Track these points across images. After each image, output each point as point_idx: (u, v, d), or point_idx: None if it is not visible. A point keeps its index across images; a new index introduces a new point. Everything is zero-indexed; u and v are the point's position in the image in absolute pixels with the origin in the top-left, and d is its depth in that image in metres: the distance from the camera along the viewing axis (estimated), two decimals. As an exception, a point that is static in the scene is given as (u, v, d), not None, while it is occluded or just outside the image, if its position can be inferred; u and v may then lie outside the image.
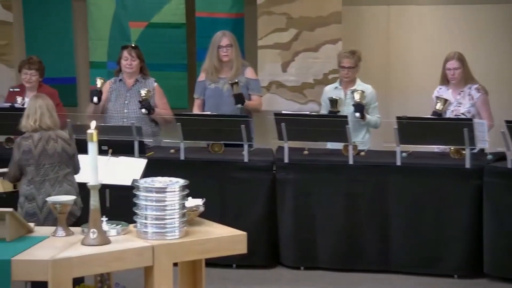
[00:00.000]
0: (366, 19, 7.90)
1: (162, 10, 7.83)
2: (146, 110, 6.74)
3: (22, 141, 5.27)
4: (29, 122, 5.26)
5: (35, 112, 5.27)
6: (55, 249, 4.04)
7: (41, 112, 5.26)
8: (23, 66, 7.02)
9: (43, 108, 5.28)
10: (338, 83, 6.90)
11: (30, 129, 5.25)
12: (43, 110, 5.27)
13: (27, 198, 5.24)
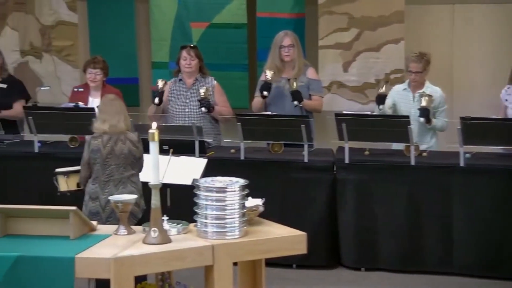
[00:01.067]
0: (429, 18, 7.81)
1: (223, 10, 7.86)
2: (206, 109, 6.78)
3: (92, 141, 5.36)
4: (100, 125, 5.34)
5: (108, 115, 5.33)
6: (117, 248, 4.09)
7: (118, 118, 5.33)
8: (88, 65, 7.12)
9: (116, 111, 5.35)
10: (407, 84, 6.83)
11: (101, 131, 5.32)
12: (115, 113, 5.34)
13: (91, 197, 5.32)
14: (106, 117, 5.34)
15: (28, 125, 6.67)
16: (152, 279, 4.66)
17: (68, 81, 8.04)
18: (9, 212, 4.27)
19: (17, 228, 4.27)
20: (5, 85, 7.17)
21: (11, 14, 8.14)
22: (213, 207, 4.21)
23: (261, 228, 4.42)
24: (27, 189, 6.54)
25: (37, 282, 3.97)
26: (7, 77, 7.25)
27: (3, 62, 7.28)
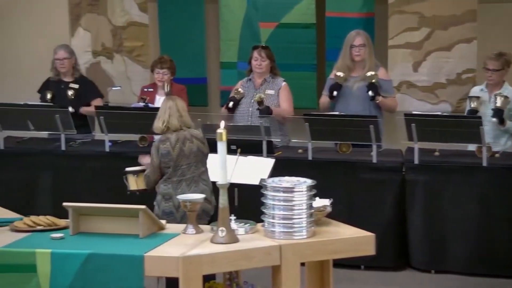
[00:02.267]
0: (503, 17, 7.66)
1: (292, 10, 7.85)
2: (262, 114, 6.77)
3: (160, 145, 5.39)
4: (158, 124, 5.39)
5: (164, 113, 5.39)
6: (186, 246, 4.11)
7: (170, 114, 5.38)
8: (155, 65, 7.19)
9: (173, 109, 5.39)
10: (484, 85, 6.72)
11: (159, 131, 5.38)
12: (172, 111, 5.38)
13: (164, 197, 5.37)
14: (159, 113, 5.39)
15: (99, 124, 6.77)
16: (220, 278, 4.68)
17: (138, 81, 8.13)
18: (81, 210, 4.34)
19: (89, 226, 4.34)
20: (77, 85, 7.29)
21: (84, 16, 8.28)
22: (281, 207, 4.20)
23: (329, 229, 4.40)
24: (98, 187, 6.64)
25: (107, 279, 4.02)
26: (79, 77, 7.37)
27: (76, 62, 7.41)
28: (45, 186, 6.79)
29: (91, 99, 7.23)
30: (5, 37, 8.36)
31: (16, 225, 4.43)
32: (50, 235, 4.28)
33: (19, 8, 8.41)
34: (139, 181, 5.62)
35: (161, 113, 5.41)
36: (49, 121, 6.73)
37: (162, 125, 5.36)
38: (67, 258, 4.06)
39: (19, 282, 4.06)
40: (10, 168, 6.84)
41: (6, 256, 4.09)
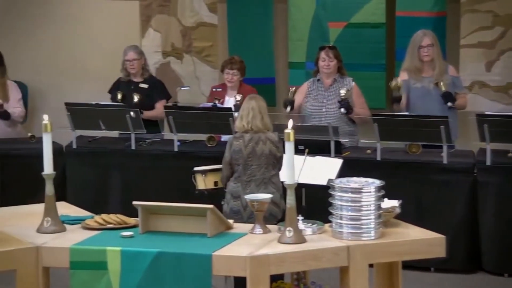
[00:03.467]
0: None
1: (361, 10, 7.80)
2: (345, 110, 6.73)
3: (234, 141, 5.43)
4: (242, 123, 5.41)
5: (248, 114, 5.41)
6: (253, 246, 4.12)
7: (253, 115, 5.40)
8: (226, 66, 7.21)
9: (255, 110, 5.41)
10: None
11: (241, 130, 5.40)
12: (255, 113, 5.41)
13: (232, 196, 5.39)
14: (242, 113, 5.41)
15: (168, 124, 6.83)
16: (288, 278, 4.67)
17: (207, 81, 8.18)
18: (150, 209, 4.38)
19: (158, 224, 4.37)
20: (147, 85, 7.36)
21: (154, 16, 8.37)
22: (348, 207, 4.17)
23: (398, 230, 4.35)
24: (166, 186, 6.70)
25: (175, 278, 4.05)
26: (148, 78, 7.44)
27: (145, 63, 7.49)
28: (115, 185, 6.88)
29: (158, 100, 7.30)
30: (76, 38, 8.50)
31: (87, 223, 4.49)
32: (120, 233, 4.33)
33: (90, 9, 8.54)
34: (207, 180, 5.65)
35: (244, 113, 5.43)
36: (119, 121, 6.81)
37: (247, 125, 5.38)
38: (137, 256, 4.10)
39: (91, 279, 4.12)
40: (82, 167, 6.95)
41: (78, 254, 4.15)
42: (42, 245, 4.21)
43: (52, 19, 8.54)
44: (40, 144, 4.46)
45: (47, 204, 4.41)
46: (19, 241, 4.25)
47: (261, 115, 5.42)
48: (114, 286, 4.11)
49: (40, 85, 8.47)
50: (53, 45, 8.50)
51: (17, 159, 6.85)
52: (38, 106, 8.10)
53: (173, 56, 8.36)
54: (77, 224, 4.53)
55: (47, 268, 4.23)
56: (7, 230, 4.42)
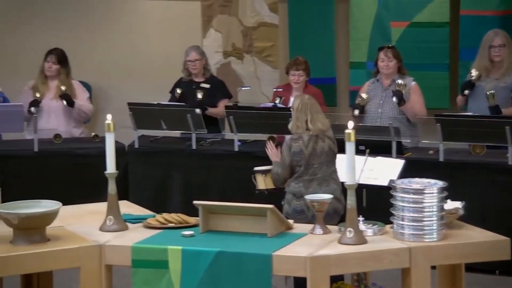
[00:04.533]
0: None
1: (425, 9, 7.72)
2: (397, 100, 6.65)
3: (292, 143, 5.41)
4: (297, 123, 5.40)
5: (300, 116, 5.39)
6: (313, 246, 4.10)
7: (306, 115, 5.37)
8: (290, 67, 7.18)
9: (307, 110, 5.39)
10: None
11: (298, 131, 5.38)
12: (307, 113, 5.38)
13: (295, 196, 5.37)
14: (298, 114, 5.38)
15: (229, 124, 6.85)
16: (348, 279, 4.65)
17: (267, 82, 8.18)
18: (211, 209, 4.40)
19: (218, 224, 4.39)
20: (208, 85, 7.40)
21: (216, 17, 8.42)
22: (410, 209, 4.13)
23: (461, 232, 4.29)
24: (227, 186, 6.72)
25: (236, 277, 4.06)
26: (209, 78, 7.47)
27: (206, 63, 7.52)
28: (176, 184, 6.92)
29: (220, 99, 7.32)
30: (138, 38, 8.58)
31: (149, 222, 4.53)
32: (181, 233, 4.36)
33: (153, 9, 8.61)
34: (267, 180, 5.65)
35: (296, 114, 5.42)
36: (181, 121, 6.86)
37: (305, 124, 5.36)
38: (197, 256, 4.12)
39: (152, 277, 4.16)
40: (144, 166, 7.02)
41: (140, 252, 4.19)
42: (105, 243, 4.26)
43: (115, 20, 8.65)
44: (103, 143, 4.52)
45: (109, 203, 4.46)
46: (83, 239, 4.31)
47: (317, 114, 5.38)
48: (175, 285, 4.14)
49: (104, 86, 8.58)
50: (116, 46, 8.60)
51: (81, 158, 6.94)
52: (101, 106, 8.20)
53: (234, 56, 8.39)
54: (139, 223, 4.57)
55: (110, 266, 4.28)
56: (71, 228, 4.49)
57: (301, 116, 5.39)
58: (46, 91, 7.30)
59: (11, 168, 6.77)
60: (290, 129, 5.45)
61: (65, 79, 7.36)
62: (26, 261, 4.13)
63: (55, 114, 7.29)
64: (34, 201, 4.37)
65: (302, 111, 5.40)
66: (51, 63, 7.32)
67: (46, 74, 7.34)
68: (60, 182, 6.78)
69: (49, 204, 4.33)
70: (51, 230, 4.34)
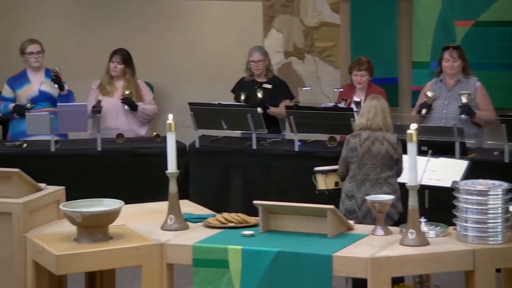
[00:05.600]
0: None
1: (490, 8, 7.61)
2: (467, 116, 6.57)
3: (351, 139, 5.42)
4: (362, 121, 5.39)
5: (369, 112, 5.38)
6: (374, 248, 4.07)
7: (375, 113, 5.37)
8: (353, 67, 7.14)
9: (377, 109, 5.38)
10: None
11: (360, 127, 5.38)
12: (376, 111, 5.37)
13: (347, 195, 5.37)
14: (363, 111, 5.39)
15: (289, 124, 6.84)
16: (409, 280, 4.60)
17: (328, 82, 8.15)
18: (271, 209, 4.39)
19: (278, 224, 4.38)
20: (270, 86, 7.39)
21: (277, 17, 8.42)
22: (474, 210, 4.07)
23: (526, 235, 4.21)
24: (287, 186, 6.70)
25: (296, 277, 4.05)
26: (271, 78, 7.47)
27: (269, 63, 7.52)
28: (236, 184, 6.94)
29: (282, 99, 7.32)
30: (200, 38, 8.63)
31: (209, 221, 4.55)
32: (241, 232, 4.36)
33: (214, 10, 8.66)
34: (328, 180, 5.63)
35: (365, 111, 5.41)
36: (241, 121, 6.87)
37: (366, 122, 5.35)
38: (257, 255, 4.12)
39: (213, 277, 4.17)
40: (205, 166, 7.04)
41: (200, 251, 4.21)
42: (166, 242, 4.29)
43: (176, 20, 8.70)
44: (165, 143, 4.55)
45: (170, 202, 4.49)
46: (144, 238, 4.35)
47: (383, 114, 5.37)
48: (235, 284, 4.15)
49: (165, 85, 8.64)
50: (177, 46, 8.66)
51: (143, 158, 7.00)
52: (163, 106, 8.26)
53: (295, 56, 8.38)
54: (199, 222, 4.59)
55: (171, 265, 4.31)
56: (133, 227, 4.53)
57: (366, 114, 5.37)
58: (113, 90, 7.39)
59: (76, 166, 6.86)
60: (356, 125, 5.44)
61: (131, 78, 7.43)
62: (89, 259, 4.18)
63: (122, 114, 7.37)
64: (97, 200, 4.42)
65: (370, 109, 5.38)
66: (116, 63, 7.40)
67: (112, 74, 7.42)
68: (122, 181, 6.85)
69: (112, 203, 4.38)
70: (113, 229, 4.39)
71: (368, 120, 5.36)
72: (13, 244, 4.41)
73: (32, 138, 7.01)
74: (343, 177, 5.49)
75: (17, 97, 7.27)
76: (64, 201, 4.62)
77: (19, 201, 4.46)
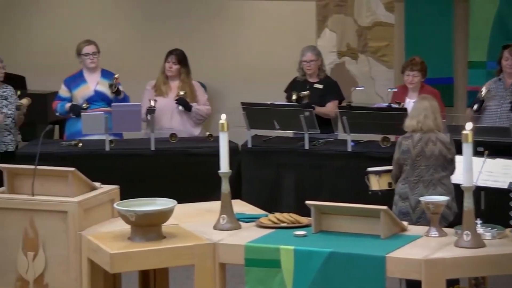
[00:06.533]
0: None
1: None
2: None
3: (403, 141, 5.38)
4: (412, 123, 5.34)
5: (419, 114, 5.33)
6: (428, 249, 4.03)
7: (425, 114, 5.31)
8: (406, 67, 7.08)
9: (428, 110, 5.33)
10: None
11: (411, 130, 5.33)
12: (427, 112, 5.32)
13: (401, 197, 5.33)
14: (413, 113, 5.33)
15: (342, 124, 6.81)
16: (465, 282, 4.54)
17: (382, 82, 8.10)
18: (323, 209, 4.38)
19: (330, 224, 4.37)
20: (321, 86, 7.37)
21: (331, 17, 8.40)
22: (531, 212, 4.00)
23: None
24: (339, 186, 6.67)
25: (348, 278, 4.03)
26: (323, 78, 7.44)
27: (322, 63, 7.49)
28: (288, 184, 6.93)
29: (330, 100, 7.28)
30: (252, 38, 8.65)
31: (261, 221, 4.55)
32: (293, 233, 4.35)
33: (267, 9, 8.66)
34: (381, 181, 5.59)
35: (415, 112, 5.37)
36: (294, 121, 6.86)
37: (417, 125, 5.30)
38: (310, 256, 4.11)
39: (265, 276, 4.17)
40: (257, 166, 7.05)
41: (253, 251, 4.22)
42: (219, 241, 4.30)
43: (229, 21, 8.74)
44: (217, 143, 4.56)
45: (223, 202, 4.50)
46: (197, 237, 4.37)
47: (434, 115, 5.32)
48: (288, 284, 4.14)
49: (217, 86, 8.68)
50: (229, 46, 8.69)
51: (196, 158, 7.04)
52: (215, 106, 8.29)
53: (348, 56, 8.35)
54: (252, 222, 4.60)
55: (223, 264, 4.31)
56: (185, 226, 4.55)
57: (416, 116, 5.32)
58: (168, 91, 7.44)
59: (130, 166, 6.93)
60: (406, 127, 5.39)
61: (186, 79, 7.46)
62: (143, 258, 4.21)
63: (176, 114, 7.41)
64: (151, 199, 4.46)
65: (420, 110, 5.33)
66: (172, 63, 7.44)
67: (167, 74, 7.47)
68: (175, 181, 6.89)
69: (165, 202, 4.41)
70: (166, 228, 4.41)
71: (418, 123, 5.31)
72: (69, 242, 4.47)
73: (87, 137, 7.09)
74: (397, 179, 5.45)
75: (73, 97, 7.36)
76: (118, 200, 4.66)
77: (75, 200, 4.52)
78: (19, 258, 4.57)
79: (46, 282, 4.52)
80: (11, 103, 7.14)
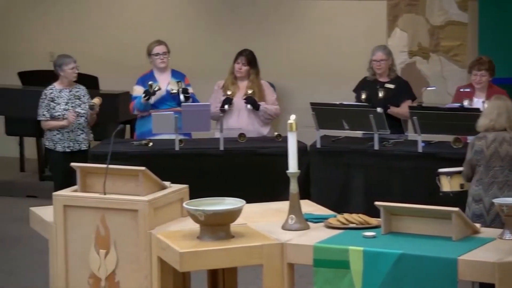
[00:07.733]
0: None
1: None
2: None
3: (475, 141, 5.30)
4: (485, 121, 5.26)
5: (491, 112, 5.25)
6: (502, 252, 3.96)
7: (498, 113, 5.23)
8: (473, 67, 6.98)
9: (501, 109, 5.24)
10: None
11: (483, 129, 5.24)
12: (500, 111, 5.23)
13: (474, 199, 5.25)
14: (486, 111, 5.25)
15: (412, 124, 6.73)
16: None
17: (454, 82, 7.99)
18: (393, 210, 4.34)
19: (400, 226, 4.32)
20: (393, 86, 7.30)
21: (402, 16, 8.33)
22: None
23: None
24: (409, 187, 6.60)
25: (419, 280, 3.99)
26: (394, 78, 7.37)
27: (392, 63, 7.42)
28: (357, 185, 6.89)
29: (403, 100, 7.21)
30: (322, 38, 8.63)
31: (330, 222, 4.53)
32: (362, 233, 4.32)
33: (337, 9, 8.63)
34: (452, 182, 5.51)
35: (488, 111, 5.29)
36: (363, 121, 6.82)
37: (489, 123, 5.22)
38: (379, 257, 4.07)
39: (334, 277, 4.15)
40: (326, 166, 7.02)
41: (321, 252, 4.20)
42: (287, 241, 4.29)
43: (301, 21, 8.73)
44: (286, 143, 4.55)
45: (291, 202, 4.49)
46: (265, 237, 4.37)
47: (508, 114, 5.22)
48: (357, 285, 4.11)
49: (286, 86, 8.67)
50: (300, 46, 8.68)
51: (264, 157, 7.04)
52: (284, 106, 8.29)
53: (420, 55, 8.27)
54: (320, 223, 4.58)
55: (291, 265, 4.31)
56: (254, 226, 4.55)
57: (489, 115, 5.23)
58: (236, 91, 7.46)
59: (199, 165, 6.97)
60: (478, 126, 5.30)
61: (255, 79, 7.48)
62: (212, 257, 4.23)
63: (245, 113, 7.44)
64: (219, 199, 4.47)
65: (493, 109, 5.24)
66: (241, 64, 7.46)
67: (236, 75, 7.49)
68: (244, 180, 6.91)
69: (234, 202, 4.42)
70: (235, 227, 4.42)
71: (491, 121, 5.22)
72: (139, 241, 4.52)
73: (157, 137, 7.16)
74: (468, 180, 5.36)
75: (147, 96, 7.43)
76: (187, 199, 4.69)
77: (145, 198, 4.56)
78: (91, 255, 4.64)
79: (118, 279, 4.58)
80: (84, 102, 7.27)
